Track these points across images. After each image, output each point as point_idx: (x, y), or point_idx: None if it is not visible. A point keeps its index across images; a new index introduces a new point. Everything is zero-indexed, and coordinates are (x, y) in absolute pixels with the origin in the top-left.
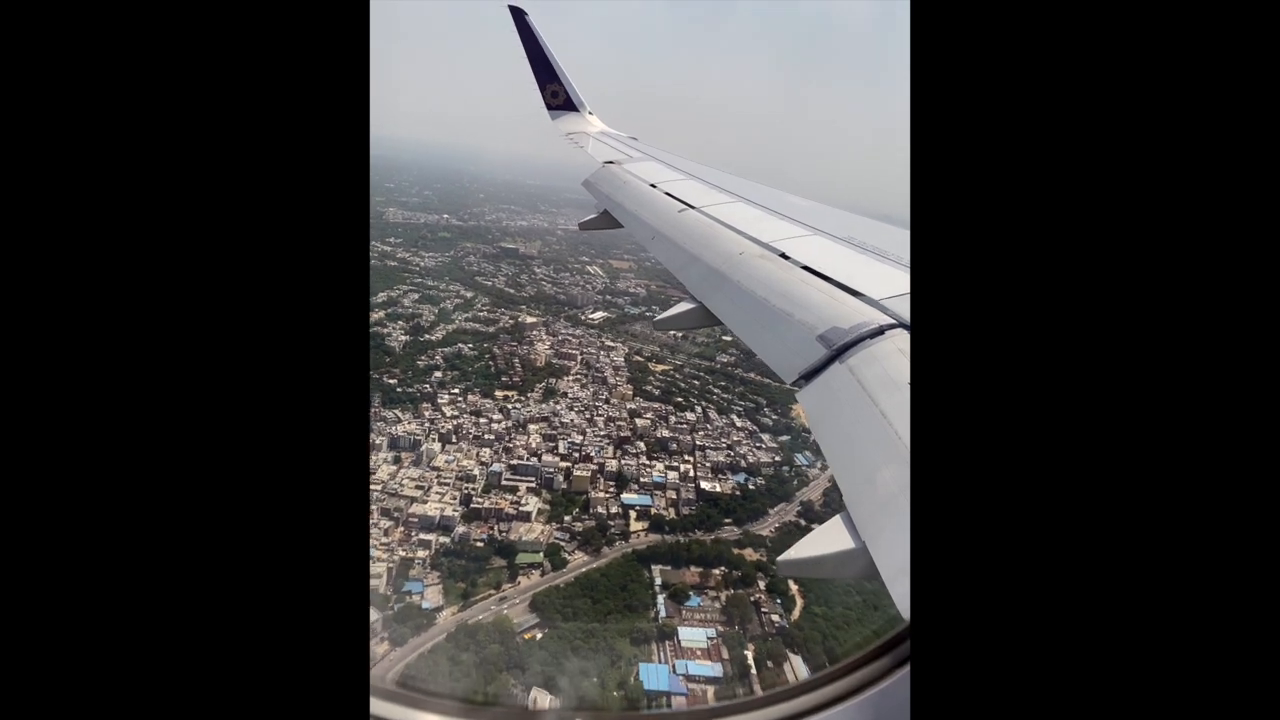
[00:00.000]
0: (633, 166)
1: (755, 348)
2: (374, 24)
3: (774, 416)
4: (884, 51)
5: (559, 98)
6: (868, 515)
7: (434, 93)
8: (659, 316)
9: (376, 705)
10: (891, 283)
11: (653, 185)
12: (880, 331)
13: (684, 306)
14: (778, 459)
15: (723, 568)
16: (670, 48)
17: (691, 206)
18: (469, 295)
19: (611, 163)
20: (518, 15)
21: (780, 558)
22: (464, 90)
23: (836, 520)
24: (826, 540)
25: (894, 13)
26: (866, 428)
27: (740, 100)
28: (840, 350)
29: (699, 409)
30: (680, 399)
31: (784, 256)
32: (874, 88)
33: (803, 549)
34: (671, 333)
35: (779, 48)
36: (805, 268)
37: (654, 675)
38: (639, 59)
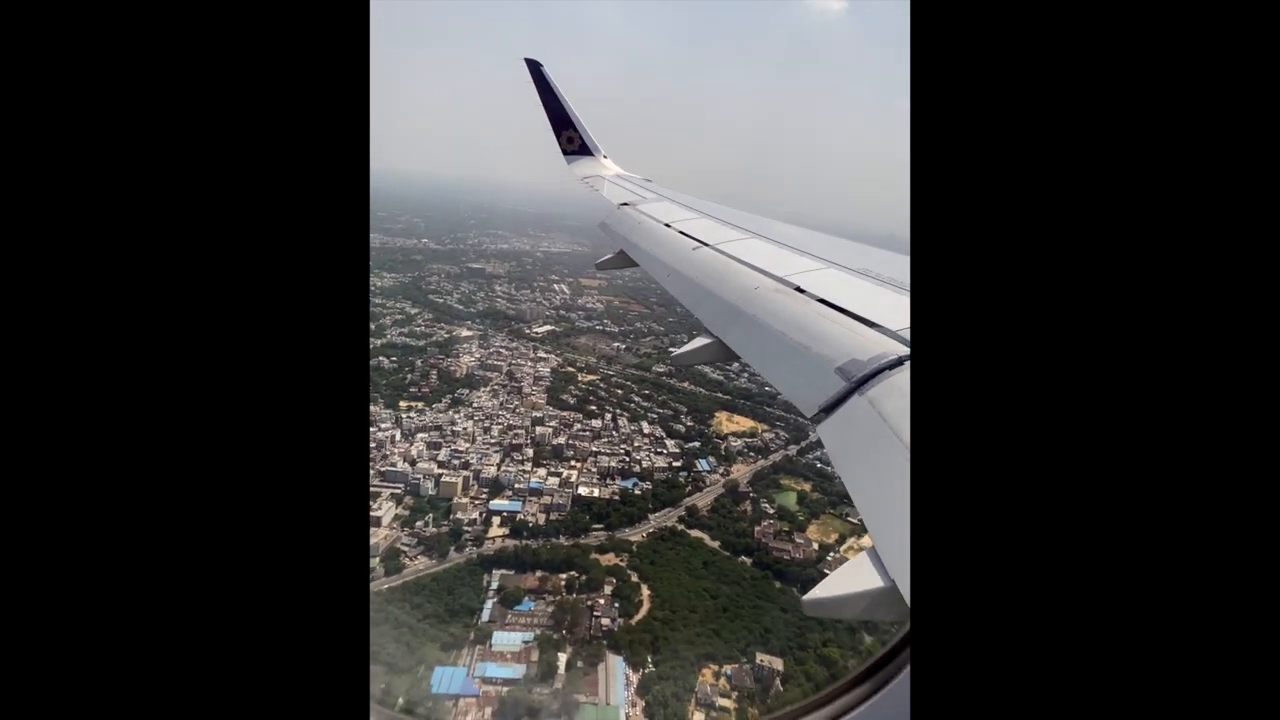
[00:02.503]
0: (647, 207)
1: (773, 381)
2: (391, 55)
3: (689, 424)
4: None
5: (574, 143)
6: (897, 552)
7: (449, 125)
8: (676, 352)
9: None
10: (908, 313)
11: (667, 225)
12: (899, 362)
13: (700, 342)
14: (676, 464)
15: (572, 573)
16: (683, 72)
17: (705, 244)
18: (414, 312)
19: (626, 204)
20: (533, 67)
21: (805, 597)
22: (482, 123)
23: (863, 557)
24: (853, 578)
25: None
26: (890, 460)
27: (760, 127)
28: (860, 382)
29: (609, 416)
30: (594, 407)
31: (799, 290)
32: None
33: (829, 588)
34: (615, 345)
35: (799, 75)
36: (821, 300)
37: (448, 679)
38: (650, 85)
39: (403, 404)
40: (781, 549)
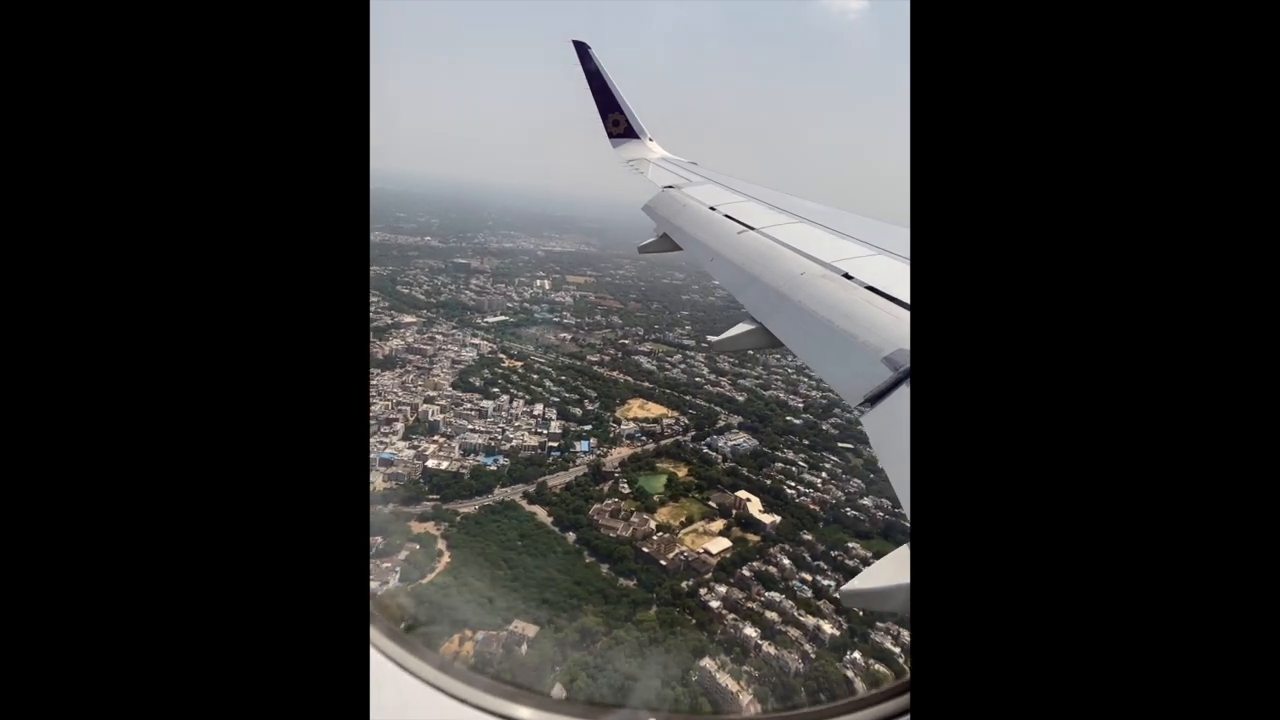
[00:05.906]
0: (692, 190)
1: (817, 370)
2: (432, 68)
3: (590, 408)
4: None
5: (620, 126)
6: None
7: (491, 132)
8: (716, 339)
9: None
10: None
11: (712, 208)
12: None
13: (743, 328)
14: (552, 445)
15: (376, 537)
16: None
17: (751, 228)
18: (372, 300)
19: (671, 187)
20: (581, 49)
21: (844, 588)
22: (522, 129)
23: (904, 550)
24: (893, 571)
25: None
26: None
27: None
28: (907, 372)
29: (505, 398)
30: (496, 389)
31: (847, 277)
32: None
33: (868, 579)
34: (562, 336)
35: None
36: (869, 288)
37: None
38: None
39: None
40: (610, 527)
